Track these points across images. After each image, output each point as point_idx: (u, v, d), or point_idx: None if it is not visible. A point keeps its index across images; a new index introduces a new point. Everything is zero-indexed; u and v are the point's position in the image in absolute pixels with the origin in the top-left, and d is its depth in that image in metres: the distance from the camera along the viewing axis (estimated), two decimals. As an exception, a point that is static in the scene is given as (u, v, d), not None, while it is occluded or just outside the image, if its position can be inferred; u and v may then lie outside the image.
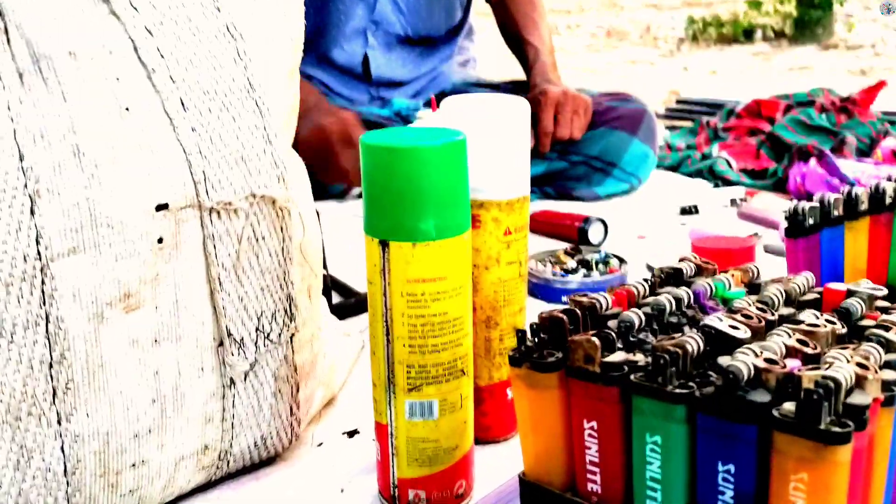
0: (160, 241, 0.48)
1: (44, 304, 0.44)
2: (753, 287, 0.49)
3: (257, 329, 0.55)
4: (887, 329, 0.39)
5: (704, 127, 1.65)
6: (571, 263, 0.98)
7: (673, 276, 0.50)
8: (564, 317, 0.43)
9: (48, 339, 0.45)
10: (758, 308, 0.43)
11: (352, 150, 1.20)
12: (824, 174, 1.25)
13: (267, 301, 0.55)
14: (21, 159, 0.44)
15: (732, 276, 0.49)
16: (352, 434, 0.65)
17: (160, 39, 0.51)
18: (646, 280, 0.49)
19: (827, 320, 0.41)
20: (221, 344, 0.53)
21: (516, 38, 1.51)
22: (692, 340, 0.38)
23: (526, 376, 0.42)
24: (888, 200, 0.65)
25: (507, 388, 0.64)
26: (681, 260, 0.52)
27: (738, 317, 0.41)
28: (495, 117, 0.60)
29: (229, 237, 0.52)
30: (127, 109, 0.49)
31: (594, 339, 0.40)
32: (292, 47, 0.59)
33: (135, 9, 0.51)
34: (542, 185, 1.38)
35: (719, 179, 1.41)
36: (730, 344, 0.40)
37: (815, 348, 0.38)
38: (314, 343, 0.62)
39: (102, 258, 0.46)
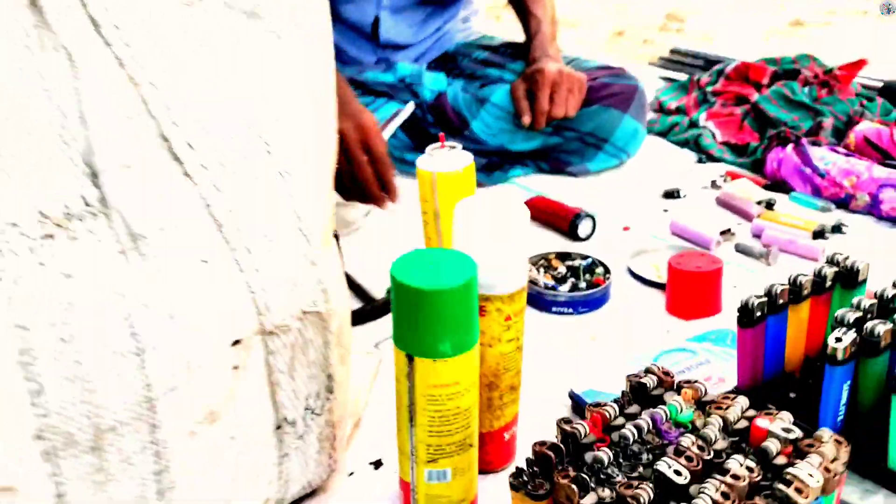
0: (235, 367, 0.61)
1: (152, 432, 0.57)
2: (701, 405, 0.63)
3: (305, 409, 0.69)
4: (788, 484, 0.53)
5: (695, 85, 1.73)
6: (561, 269, 1.11)
7: (638, 391, 0.64)
8: (552, 454, 0.56)
9: (156, 456, 0.58)
10: (698, 447, 0.57)
11: (368, 159, 1.14)
12: (799, 163, 1.36)
13: (311, 385, 0.69)
14: (131, 326, 0.56)
15: (685, 393, 0.63)
16: (377, 465, 0.80)
17: (227, 195, 0.62)
18: (616, 401, 0.63)
19: (747, 467, 0.55)
20: (279, 427, 0.67)
21: (520, 5, 1.56)
22: (644, 493, 0.52)
23: (522, 499, 0.56)
24: (828, 283, 0.78)
25: (504, 433, 0.78)
26: (647, 372, 0.65)
27: (682, 460, 0.55)
28: (499, 226, 0.71)
29: (285, 348, 0.65)
30: (204, 262, 0.60)
31: (573, 485, 0.53)
32: (328, 168, 0.70)
33: (204, 168, 0.61)
34: (537, 160, 1.49)
35: (703, 153, 1.51)
36: (674, 489, 0.54)
37: (735, 501, 0.52)
38: (346, 397, 0.76)
39: (193, 389, 0.59)
